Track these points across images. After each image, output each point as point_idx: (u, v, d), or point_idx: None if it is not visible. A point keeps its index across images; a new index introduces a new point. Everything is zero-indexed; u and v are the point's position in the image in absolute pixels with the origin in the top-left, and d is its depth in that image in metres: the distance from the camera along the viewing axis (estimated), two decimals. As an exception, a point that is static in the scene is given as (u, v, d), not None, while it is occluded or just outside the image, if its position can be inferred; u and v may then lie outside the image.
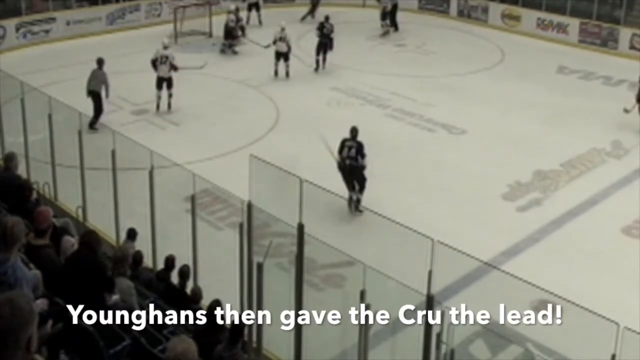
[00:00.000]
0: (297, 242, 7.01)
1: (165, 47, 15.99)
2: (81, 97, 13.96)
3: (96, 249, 5.74)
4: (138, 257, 8.09)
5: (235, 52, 20.18)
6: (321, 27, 18.53)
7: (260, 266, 7.25)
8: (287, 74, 18.02)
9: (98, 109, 14.40)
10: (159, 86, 15.59)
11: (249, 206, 7.43)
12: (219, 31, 21.16)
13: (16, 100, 11.43)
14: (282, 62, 17.91)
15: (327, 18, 18.77)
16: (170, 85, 15.58)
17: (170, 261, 8.24)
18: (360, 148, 11.39)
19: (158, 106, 15.64)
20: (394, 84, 17.61)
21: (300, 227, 6.90)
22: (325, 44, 18.41)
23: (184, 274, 8.05)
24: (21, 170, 10.58)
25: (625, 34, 20.52)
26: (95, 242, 5.78)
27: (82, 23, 21.52)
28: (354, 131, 11.67)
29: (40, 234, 6.34)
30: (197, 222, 8.90)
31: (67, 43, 20.52)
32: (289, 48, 17.87)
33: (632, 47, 20.39)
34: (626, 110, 15.06)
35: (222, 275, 8.66)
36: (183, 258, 8.64)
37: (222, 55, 20.03)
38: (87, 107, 12.19)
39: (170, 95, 15.65)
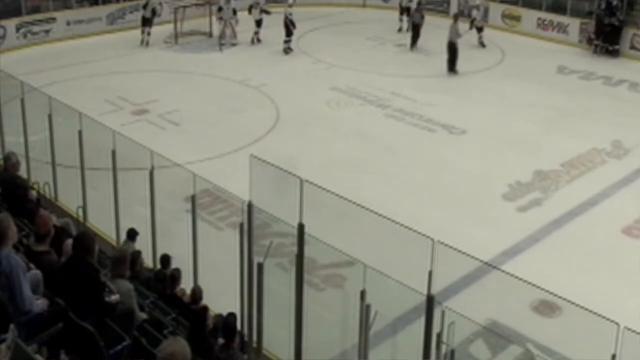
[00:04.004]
0: (298, 242, 7.00)
1: None
2: (81, 96, 13.94)
3: (88, 253, 5.50)
4: (135, 256, 8.08)
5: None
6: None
7: (260, 266, 7.25)
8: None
9: (453, 57, 18.47)
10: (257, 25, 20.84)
11: (249, 206, 7.42)
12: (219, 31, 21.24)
13: (16, 100, 11.42)
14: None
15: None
16: (260, 25, 20.71)
17: (165, 260, 8.24)
18: None
19: (253, 40, 20.94)
20: (394, 84, 17.62)
21: (301, 227, 6.89)
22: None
23: (173, 277, 8.01)
24: (22, 171, 10.60)
25: (625, 34, 20.50)
26: (86, 247, 5.52)
27: (83, 23, 21.51)
28: None
29: (41, 239, 6.30)
30: (197, 222, 8.90)
31: (67, 43, 20.53)
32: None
33: (632, 47, 20.37)
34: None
35: (222, 275, 8.66)
36: (183, 258, 8.64)
37: (223, 55, 20.05)
38: (86, 106, 12.15)
39: (257, 33, 20.80)
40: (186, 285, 8.24)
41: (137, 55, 19.52)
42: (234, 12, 20.98)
